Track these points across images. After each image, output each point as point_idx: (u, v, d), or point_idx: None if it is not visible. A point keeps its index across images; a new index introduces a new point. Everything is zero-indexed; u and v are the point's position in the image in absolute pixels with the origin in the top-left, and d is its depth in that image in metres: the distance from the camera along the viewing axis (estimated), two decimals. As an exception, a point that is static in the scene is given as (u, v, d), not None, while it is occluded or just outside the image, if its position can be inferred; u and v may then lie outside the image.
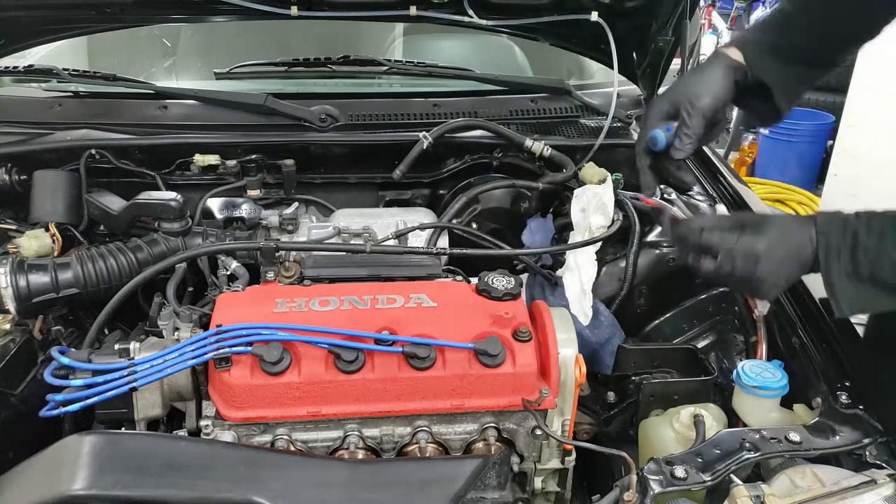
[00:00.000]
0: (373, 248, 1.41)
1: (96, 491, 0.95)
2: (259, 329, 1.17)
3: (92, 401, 1.14)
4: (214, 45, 2.54)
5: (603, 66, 2.17)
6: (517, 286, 1.32)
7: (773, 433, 1.14)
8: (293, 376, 1.17)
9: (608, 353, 1.55)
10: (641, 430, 1.35)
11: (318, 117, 1.86)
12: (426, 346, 1.18)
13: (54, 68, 1.92)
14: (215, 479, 1.01)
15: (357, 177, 1.90)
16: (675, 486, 1.04)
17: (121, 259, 1.48)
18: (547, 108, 2.05)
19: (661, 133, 1.26)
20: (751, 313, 1.47)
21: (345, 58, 2.05)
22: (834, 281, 1.06)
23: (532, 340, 1.22)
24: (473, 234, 1.60)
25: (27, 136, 1.75)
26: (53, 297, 1.42)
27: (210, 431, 1.18)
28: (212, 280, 1.56)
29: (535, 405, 1.19)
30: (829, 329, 1.36)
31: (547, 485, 1.34)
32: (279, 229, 1.67)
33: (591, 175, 1.75)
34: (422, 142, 1.77)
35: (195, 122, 1.86)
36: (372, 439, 1.23)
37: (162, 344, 1.25)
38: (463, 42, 2.56)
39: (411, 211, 1.78)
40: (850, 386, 1.25)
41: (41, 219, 1.62)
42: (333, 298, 1.29)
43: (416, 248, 1.55)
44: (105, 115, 1.86)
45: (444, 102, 1.99)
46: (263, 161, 1.78)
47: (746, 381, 1.25)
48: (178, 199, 1.58)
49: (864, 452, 1.14)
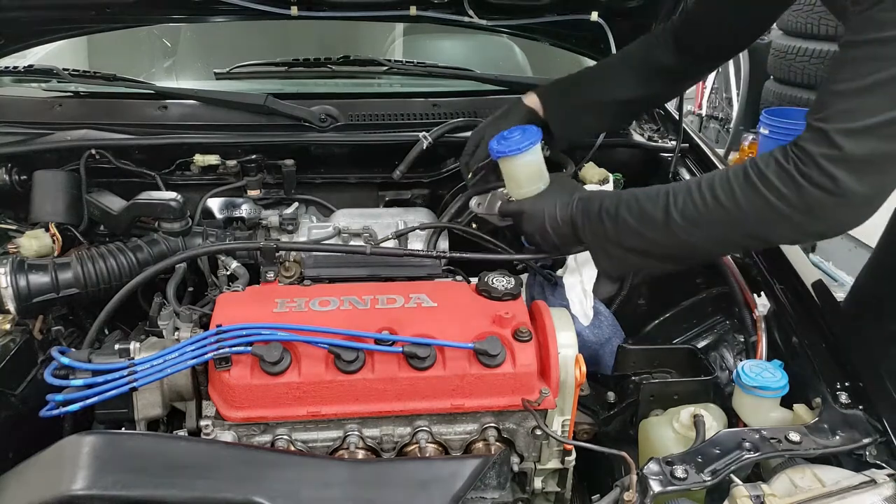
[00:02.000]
0: (373, 250, 1.41)
1: (96, 491, 0.95)
2: (259, 329, 1.17)
3: (92, 401, 1.14)
4: (214, 45, 2.54)
5: (603, 66, 2.17)
6: (517, 286, 1.32)
7: (773, 433, 1.14)
8: (293, 376, 1.17)
9: (608, 353, 1.55)
10: (641, 430, 1.35)
11: (318, 117, 1.86)
12: (426, 346, 1.18)
13: (54, 68, 1.92)
14: (215, 479, 1.01)
15: (357, 177, 1.91)
16: (675, 486, 1.04)
17: (121, 259, 1.49)
18: (547, 108, 2.04)
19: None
20: (751, 313, 1.47)
21: (345, 58, 2.06)
22: (589, 242, 1.31)
23: (532, 340, 1.22)
24: (473, 234, 1.59)
25: (27, 136, 1.75)
26: (53, 297, 1.42)
27: (210, 431, 1.18)
28: (212, 280, 1.56)
29: (535, 405, 1.19)
30: (829, 329, 1.36)
31: (547, 485, 1.34)
32: (279, 229, 1.67)
33: (591, 175, 1.75)
34: (422, 142, 1.77)
35: (195, 122, 1.86)
36: (372, 439, 1.23)
37: (162, 344, 1.25)
38: (463, 42, 2.57)
39: (411, 211, 1.78)
40: (849, 386, 1.25)
41: (41, 219, 1.62)
42: (333, 298, 1.29)
43: (416, 252, 1.55)
44: (105, 115, 1.86)
45: (443, 102, 1.99)
46: (263, 161, 1.78)
47: (746, 381, 1.25)
48: (178, 199, 1.58)
49: (864, 452, 1.14)
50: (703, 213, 1.19)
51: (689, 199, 1.21)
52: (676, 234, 1.21)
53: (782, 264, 1.55)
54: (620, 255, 1.29)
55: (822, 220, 1.12)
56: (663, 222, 1.21)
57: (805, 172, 1.09)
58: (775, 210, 1.13)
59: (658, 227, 1.22)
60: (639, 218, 1.24)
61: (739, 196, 1.15)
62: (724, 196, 1.17)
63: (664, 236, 1.22)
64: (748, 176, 1.15)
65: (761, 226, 1.17)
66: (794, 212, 1.12)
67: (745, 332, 1.48)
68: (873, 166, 1.07)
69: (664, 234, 1.22)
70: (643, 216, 1.24)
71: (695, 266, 1.64)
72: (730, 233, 1.20)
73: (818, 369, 1.31)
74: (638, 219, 1.24)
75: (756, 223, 1.16)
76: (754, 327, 1.45)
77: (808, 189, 1.09)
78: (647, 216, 1.23)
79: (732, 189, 1.17)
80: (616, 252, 1.28)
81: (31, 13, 1.83)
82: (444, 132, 1.80)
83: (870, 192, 1.08)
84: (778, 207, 1.12)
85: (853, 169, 1.06)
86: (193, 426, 1.25)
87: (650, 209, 1.23)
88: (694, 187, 1.21)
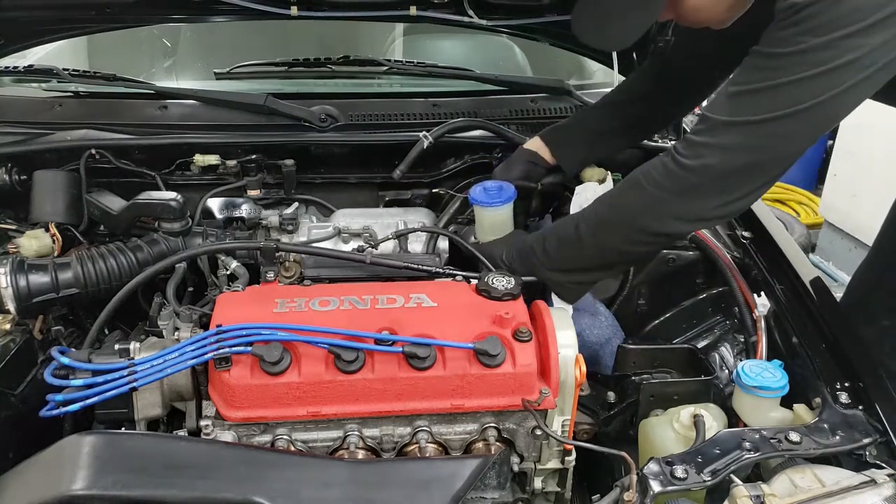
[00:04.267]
0: (372, 259, 1.42)
1: (96, 491, 0.95)
2: (259, 329, 1.17)
3: (92, 401, 1.14)
4: (214, 45, 2.54)
5: (603, 66, 2.18)
6: (517, 286, 1.32)
7: (773, 433, 1.14)
8: (293, 376, 1.17)
9: (608, 353, 1.55)
10: (641, 430, 1.35)
11: (318, 117, 1.86)
12: (426, 346, 1.18)
13: (54, 68, 1.92)
14: (215, 479, 1.01)
15: (357, 177, 1.90)
16: (675, 486, 1.04)
17: (121, 259, 1.48)
18: (547, 108, 2.05)
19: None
20: (751, 313, 1.47)
21: (345, 58, 2.06)
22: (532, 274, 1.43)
23: (532, 340, 1.22)
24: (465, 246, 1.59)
25: (27, 136, 1.75)
26: (53, 297, 1.42)
27: (210, 431, 1.18)
28: (212, 280, 1.56)
29: (535, 405, 1.19)
30: (829, 329, 1.36)
31: (547, 485, 1.34)
32: (279, 229, 1.67)
33: (590, 175, 1.75)
34: (422, 141, 1.77)
35: (195, 122, 1.86)
36: (372, 439, 1.23)
37: (162, 344, 1.25)
38: (463, 42, 2.57)
39: (411, 211, 1.78)
40: (849, 386, 1.25)
41: (41, 219, 1.62)
42: (333, 298, 1.29)
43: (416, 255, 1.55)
44: (105, 115, 1.86)
45: (444, 102, 1.99)
46: (263, 161, 1.78)
47: (746, 381, 1.25)
48: (178, 198, 1.58)
49: (864, 452, 1.14)
50: (603, 217, 1.36)
51: (591, 209, 1.40)
52: (590, 242, 1.36)
53: (782, 264, 1.55)
54: (560, 279, 1.42)
55: (695, 201, 1.26)
56: (575, 236, 1.37)
57: (678, 157, 1.24)
58: (653, 197, 1.28)
59: (573, 241, 1.38)
60: (558, 241, 1.40)
61: (628, 195, 1.33)
62: (616, 199, 1.36)
63: (581, 248, 1.37)
64: (635, 175, 1.33)
65: (647, 216, 1.30)
66: (668, 194, 1.26)
67: (745, 332, 1.48)
68: (739, 158, 1.20)
69: (580, 246, 1.37)
70: (560, 238, 1.41)
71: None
72: (629, 230, 1.33)
73: (818, 369, 1.31)
74: (557, 242, 1.40)
75: (643, 215, 1.30)
76: (754, 327, 1.45)
77: (678, 172, 1.24)
78: (563, 236, 1.40)
79: (622, 189, 1.36)
80: (557, 277, 1.41)
81: (31, 13, 1.83)
82: (444, 132, 1.80)
83: (731, 182, 1.23)
84: (654, 194, 1.27)
85: (724, 155, 1.21)
86: (193, 426, 1.25)
87: (563, 230, 1.41)
88: (596, 201, 1.41)
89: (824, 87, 1.14)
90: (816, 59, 1.13)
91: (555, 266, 1.41)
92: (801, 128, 1.18)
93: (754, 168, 1.22)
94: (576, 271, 1.40)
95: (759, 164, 1.22)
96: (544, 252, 1.41)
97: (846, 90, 1.14)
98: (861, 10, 1.10)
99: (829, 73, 1.12)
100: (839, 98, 1.15)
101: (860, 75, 1.13)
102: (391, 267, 1.46)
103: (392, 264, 1.43)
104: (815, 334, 1.37)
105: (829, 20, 1.11)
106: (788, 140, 1.20)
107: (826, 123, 1.21)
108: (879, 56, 1.12)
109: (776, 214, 2.76)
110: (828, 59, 1.12)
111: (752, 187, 1.25)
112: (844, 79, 1.13)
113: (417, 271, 1.47)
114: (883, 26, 1.10)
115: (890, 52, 1.13)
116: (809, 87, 1.14)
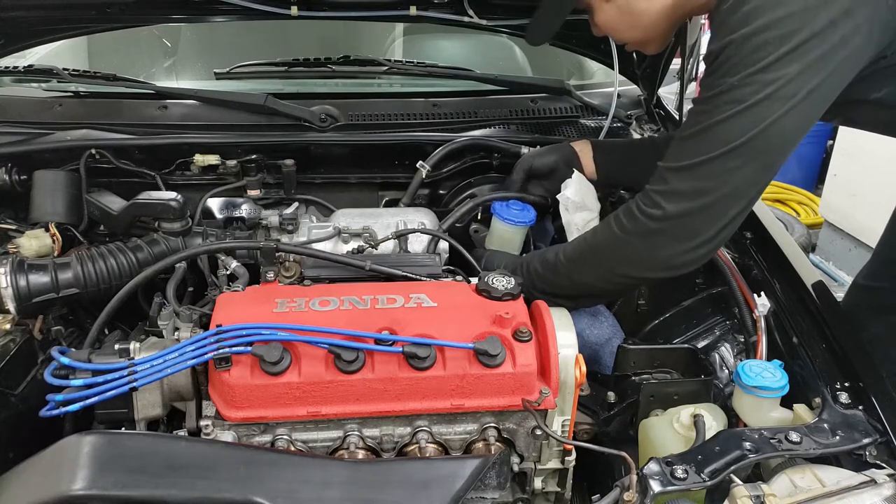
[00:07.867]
0: (372, 266, 1.42)
1: (96, 491, 0.95)
2: (259, 329, 1.17)
3: (92, 401, 1.14)
4: (214, 45, 2.55)
5: (603, 66, 2.18)
6: (517, 286, 1.32)
7: (773, 433, 1.14)
8: (293, 376, 1.17)
9: (608, 353, 1.55)
10: (641, 430, 1.35)
11: (318, 117, 1.86)
12: (426, 346, 1.18)
13: (54, 68, 1.92)
14: (215, 479, 1.01)
15: (357, 177, 1.91)
16: (675, 486, 1.04)
17: (121, 259, 1.49)
18: (547, 108, 2.05)
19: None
20: (751, 313, 1.47)
21: (345, 58, 2.06)
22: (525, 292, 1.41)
23: (532, 340, 1.22)
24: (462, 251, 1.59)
25: (27, 136, 1.75)
26: (53, 297, 1.42)
27: (210, 431, 1.18)
28: (212, 280, 1.56)
29: (535, 405, 1.19)
30: (829, 329, 1.36)
31: (547, 485, 1.34)
32: (279, 229, 1.67)
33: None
34: (420, 172, 1.78)
35: (195, 122, 1.86)
36: (372, 439, 1.23)
37: (162, 344, 1.25)
38: (463, 42, 2.57)
39: (411, 211, 1.77)
40: (849, 386, 1.25)
41: (41, 219, 1.62)
42: (333, 298, 1.28)
43: (416, 256, 1.55)
44: (105, 115, 1.86)
45: (443, 102, 1.99)
46: (263, 161, 1.78)
47: (746, 381, 1.25)
48: (178, 198, 1.58)
49: (864, 452, 1.14)
50: (580, 253, 1.42)
51: (573, 242, 1.47)
52: (567, 274, 1.42)
53: (782, 264, 1.55)
54: (544, 300, 1.42)
55: (659, 248, 1.30)
56: (555, 265, 1.43)
57: (640, 205, 1.30)
58: (620, 241, 1.33)
59: (553, 269, 1.44)
60: (541, 265, 1.46)
61: (600, 235, 1.40)
62: (591, 237, 1.42)
63: (559, 278, 1.43)
64: (608, 219, 1.38)
65: (616, 259, 1.36)
66: (633, 239, 1.31)
67: (745, 332, 1.48)
68: (691, 201, 1.25)
69: (558, 275, 1.43)
70: (544, 263, 1.46)
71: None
72: (601, 269, 1.39)
73: (818, 369, 1.31)
74: (541, 266, 1.46)
75: (612, 257, 1.36)
76: (754, 327, 1.44)
77: (640, 219, 1.29)
78: (547, 262, 1.45)
79: (596, 231, 1.43)
80: (539, 297, 1.40)
81: (30, 13, 1.83)
82: (440, 157, 1.80)
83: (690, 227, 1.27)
84: (621, 238, 1.33)
85: (676, 200, 1.25)
86: (193, 426, 1.25)
87: (549, 257, 1.46)
88: (581, 235, 1.49)
89: (752, 121, 1.18)
90: (737, 97, 1.18)
91: (537, 288, 1.45)
92: (742, 163, 1.21)
93: (709, 209, 1.25)
94: (558, 297, 1.43)
95: (712, 205, 1.24)
96: (528, 273, 1.47)
97: (777, 121, 1.17)
98: (768, 44, 1.15)
99: (752, 107, 1.17)
100: (772, 129, 1.18)
101: (786, 105, 1.16)
102: (391, 275, 1.44)
103: (391, 272, 1.42)
104: (815, 334, 1.37)
105: (740, 59, 1.17)
106: (733, 175, 1.22)
107: (770, 156, 1.22)
108: (801, 84, 1.16)
109: (776, 214, 2.77)
110: (748, 96, 1.17)
111: (714, 230, 1.27)
112: (771, 110, 1.17)
113: (413, 279, 1.46)
114: (794, 56, 1.14)
115: (812, 79, 1.16)
116: (738, 124, 1.18)
